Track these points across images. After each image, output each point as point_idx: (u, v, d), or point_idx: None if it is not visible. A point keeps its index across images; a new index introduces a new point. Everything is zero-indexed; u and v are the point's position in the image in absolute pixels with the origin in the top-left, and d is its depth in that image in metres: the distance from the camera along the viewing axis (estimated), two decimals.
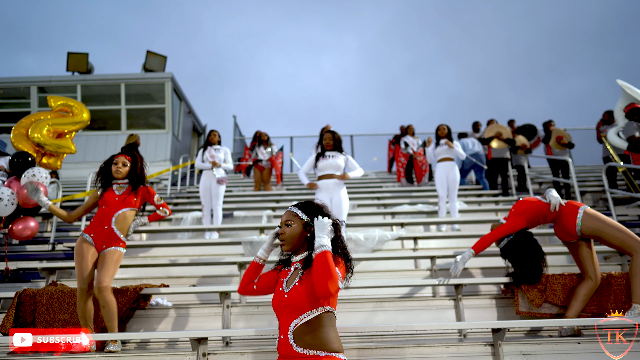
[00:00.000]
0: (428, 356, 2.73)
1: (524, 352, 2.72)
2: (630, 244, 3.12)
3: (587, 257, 3.32)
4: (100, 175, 3.46)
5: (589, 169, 10.57)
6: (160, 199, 3.53)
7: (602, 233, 3.19)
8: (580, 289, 3.27)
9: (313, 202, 2.16)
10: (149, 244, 5.25)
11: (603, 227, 3.18)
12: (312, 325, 1.93)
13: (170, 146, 13.14)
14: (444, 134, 6.38)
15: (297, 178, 11.53)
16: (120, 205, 3.33)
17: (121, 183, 3.43)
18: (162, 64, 13.80)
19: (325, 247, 1.92)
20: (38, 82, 13.48)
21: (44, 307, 3.41)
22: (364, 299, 3.73)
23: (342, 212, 4.62)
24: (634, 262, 3.10)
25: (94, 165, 12.24)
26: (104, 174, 3.45)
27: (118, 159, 3.44)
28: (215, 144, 6.41)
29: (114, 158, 3.46)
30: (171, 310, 3.57)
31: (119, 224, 3.30)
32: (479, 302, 3.60)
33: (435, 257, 4.28)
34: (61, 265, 4.31)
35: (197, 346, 2.67)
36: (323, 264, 1.88)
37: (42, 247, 5.73)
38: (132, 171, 3.44)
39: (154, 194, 3.50)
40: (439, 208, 6.21)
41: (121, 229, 3.30)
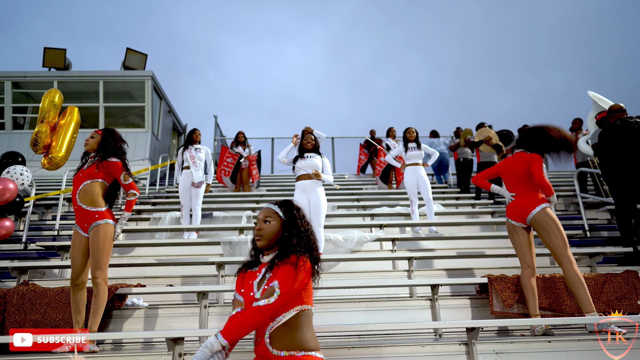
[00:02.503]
0: (404, 355, 2.77)
1: (496, 350, 2.79)
2: (564, 257, 3.26)
3: (526, 246, 3.43)
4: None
5: (561, 174, 10.89)
6: (128, 177, 3.27)
7: (547, 233, 3.30)
8: (524, 279, 3.36)
9: (291, 202, 2.18)
10: (127, 244, 5.17)
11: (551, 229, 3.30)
12: (289, 325, 1.94)
13: (149, 145, 12.94)
14: (412, 137, 6.41)
15: (279, 179, 11.53)
16: (82, 180, 3.20)
17: (91, 157, 3.33)
18: (143, 62, 13.59)
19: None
20: (13, 77, 13.11)
21: (14, 307, 3.33)
22: (342, 299, 3.76)
23: (320, 213, 4.64)
24: (566, 275, 3.24)
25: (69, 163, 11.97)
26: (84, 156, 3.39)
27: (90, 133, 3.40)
28: (197, 143, 6.33)
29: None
30: (147, 310, 3.52)
31: (84, 199, 3.15)
32: (455, 303, 3.67)
33: (412, 259, 4.33)
34: (33, 264, 4.21)
35: (173, 346, 2.65)
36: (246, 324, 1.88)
37: (13, 246, 5.59)
38: (101, 144, 3.31)
39: (121, 171, 3.25)
40: (411, 212, 6.21)
41: (90, 202, 3.14)
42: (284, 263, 1.97)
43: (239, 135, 9.61)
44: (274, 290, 1.90)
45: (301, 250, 2.02)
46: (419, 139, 6.49)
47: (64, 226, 6.37)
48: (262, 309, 1.87)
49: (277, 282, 1.92)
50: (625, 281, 3.59)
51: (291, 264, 1.95)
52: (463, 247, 5.40)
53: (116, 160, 3.27)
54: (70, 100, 13.62)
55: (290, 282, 1.91)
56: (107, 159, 3.26)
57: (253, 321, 1.87)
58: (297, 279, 1.92)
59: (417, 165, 6.25)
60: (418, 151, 6.30)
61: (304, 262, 1.97)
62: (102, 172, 3.24)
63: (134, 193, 3.32)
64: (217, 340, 1.84)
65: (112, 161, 3.26)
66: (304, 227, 2.11)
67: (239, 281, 2.13)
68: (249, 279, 2.08)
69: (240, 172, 9.08)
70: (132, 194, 3.32)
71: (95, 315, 3.04)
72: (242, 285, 2.10)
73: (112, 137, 3.35)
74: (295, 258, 1.97)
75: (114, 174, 3.27)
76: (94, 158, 3.30)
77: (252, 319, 1.87)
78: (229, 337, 1.84)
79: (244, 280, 2.10)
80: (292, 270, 1.93)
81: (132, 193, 3.32)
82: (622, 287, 3.57)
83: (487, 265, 4.64)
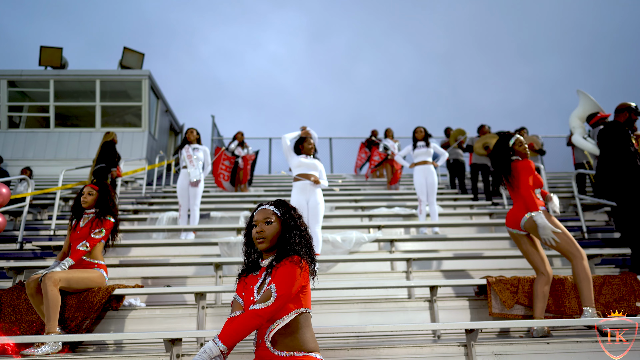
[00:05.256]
0: (402, 357, 2.76)
1: (495, 352, 2.78)
2: (570, 253, 3.26)
3: (533, 253, 3.42)
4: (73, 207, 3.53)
5: (560, 175, 10.91)
6: (99, 233, 3.40)
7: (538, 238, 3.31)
8: (536, 286, 3.36)
9: (286, 201, 2.18)
10: (124, 244, 5.13)
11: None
12: (289, 328, 1.94)
13: (146, 145, 12.90)
14: (421, 136, 6.46)
15: (276, 179, 11.51)
16: (79, 239, 3.36)
17: (88, 213, 3.47)
18: (140, 61, 13.55)
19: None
20: (8, 75, 13.04)
21: (10, 308, 3.30)
22: (341, 300, 3.75)
23: (319, 214, 4.63)
24: (574, 267, 3.24)
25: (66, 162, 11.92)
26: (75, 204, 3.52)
27: (85, 188, 3.49)
28: (193, 142, 6.24)
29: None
30: (145, 311, 3.50)
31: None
32: (454, 304, 3.66)
33: (411, 260, 4.33)
34: (29, 264, 4.18)
35: (171, 347, 2.63)
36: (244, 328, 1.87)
37: (9, 246, 5.55)
38: (99, 201, 3.48)
39: (109, 230, 3.45)
40: (419, 212, 6.25)
41: (89, 256, 3.36)
42: (282, 266, 1.96)
43: (237, 135, 9.58)
44: (271, 293, 1.90)
45: (301, 251, 2.01)
46: (429, 139, 6.51)
47: (60, 226, 6.33)
48: (259, 312, 1.87)
49: (274, 285, 1.91)
50: (623, 283, 3.59)
51: (289, 267, 1.94)
52: (461, 249, 5.40)
53: (111, 220, 3.47)
54: (67, 99, 13.59)
55: (288, 286, 1.90)
56: (104, 217, 3.44)
57: (250, 325, 1.86)
58: (295, 283, 1.92)
59: (427, 164, 6.27)
60: (426, 149, 6.32)
61: (302, 267, 1.97)
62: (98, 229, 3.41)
63: (86, 245, 3.34)
64: (216, 345, 1.83)
65: (107, 220, 3.44)
66: (302, 226, 2.11)
67: (240, 285, 2.12)
68: (250, 283, 2.07)
69: (238, 173, 9.09)
70: (85, 245, 3.34)
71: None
72: (242, 289, 2.09)
73: (109, 194, 3.51)
74: (294, 261, 1.96)
75: (106, 229, 3.44)
76: (89, 215, 3.47)
77: (249, 322, 1.86)
78: (227, 342, 1.84)
79: (245, 284, 2.10)
80: (290, 274, 1.92)
81: (84, 244, 3.34)
82: (620, 289, 3.57)
83: (485, 267, 4.64)
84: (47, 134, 12.94)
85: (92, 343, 3.24)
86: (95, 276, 3.30)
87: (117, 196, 3.85)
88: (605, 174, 4.46)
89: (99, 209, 3.45)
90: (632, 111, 4.61)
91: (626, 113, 4.60)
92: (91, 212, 3.48)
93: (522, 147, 3.52)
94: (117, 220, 3.53)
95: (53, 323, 2.94)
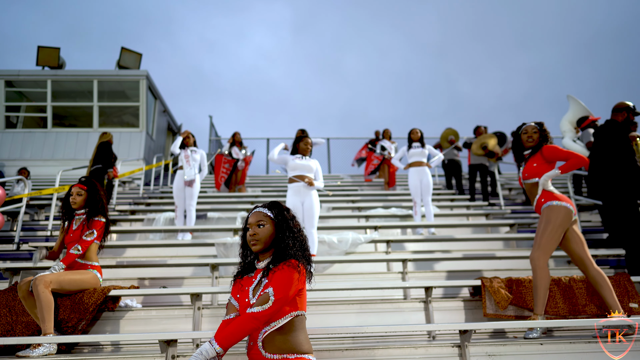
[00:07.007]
0: (397, 357, 2.77)
1: (489, 353, 2.79)
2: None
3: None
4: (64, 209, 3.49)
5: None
6: (91, 235, 3.37)
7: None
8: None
9: (280, 203, 2.18)
10: (120, 245, 5.14)
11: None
12: (283, 330, 1.95)
13: (143, 145, 12.89)
14: (416, 137, 6.48)
15: (273, 180, 11.51)
16: (73, 242, 3.35)
17: (79, 214, 3.45)
18: (137, 61, 13.53)
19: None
20: (6, 75, 13.02)
21: (6, 309, 3.30)
22: (336, 301, 3.75)
23: (314, 216, 4.63)
24: (588, 273, 3.24)
25: (63, 163, 11.88)
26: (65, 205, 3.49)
27: (73, 188, 3.46)
28: (190, 145, 6.25)
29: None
30: (141, 312, 3.50)
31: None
32: (449, 305, 3.68)
33: (407, 260, 4.34)
34: (26, 265, 4.18)
35: (167, 348, 2.64)
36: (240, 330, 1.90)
37: (6, 247, 5.53)
38: (88, 201, 3.44)
39: (101, 230, 3.42)
40: (414, 213, 6.28)
41: (83, 258, 3.35)
42: (279, 269, 1.97)
43: (235, 136, 9.52)
44: (268, 297, 1.90)
45: (297, 253, 2.02)
46: (424, 140, 6.55)
47: (58, 227, 6.32)
48: (256, 315, 1.88)
49: (272, 288, 1.92)
50: (617, 284, 3.60)
51: (287, 271, 1.95)
52: (457, 249, 5.42)
53: (101, 220, 3.43)
54: (64, 99, 13.57)
55: (285, 289, 1.92)
56: (94, 217, 3.41)
57: (247, 328, 1.87)
58: (293, 286, 1.93)
59: (422, 166, 6.30)
60: (421, 149, 6.35)
61: (300, 271, 1.98)
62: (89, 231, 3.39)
63: (78, 249, 3.33)
64: (212, 347, 1.84)
65: (97, 220, 3.41)
66: (296, 227, 2.12)
67: (235, 287, 2.13)
68: (244, 285, 2.08)
69: (235, 174, 9.06)
70: (77, 248, 3.33)
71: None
72: (237, 291, 2.10)
73: (98, 194, 3.47)
74: (292, 265, 1.97)
75: (97, 230, 3.41)
76: (80, 216, 3.45)
77: (245, 325, 1.87)
78: (223, 344, 1.85)
79: (240, 286, 2.10)
80: (288, 278, 1.93)
81: (76, 247, 3.33)
82: (614, 289, 3.59)
83: (481, 267, 4.65)
84: (44, 134, 12.92)
85: (88, 344, 3.24)
86: (88, 277, 3.29)
87: (114, 195, 3.85)
88: (595, 172, 4.48)
89: (88, 209, 3.42)
90: (630, 111, 4.61)
91: (624, 113, 4.59)
92: (82, 212, 3.45)
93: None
94: (108, 220, 3.49)
95: (48, 324, 2.93)
